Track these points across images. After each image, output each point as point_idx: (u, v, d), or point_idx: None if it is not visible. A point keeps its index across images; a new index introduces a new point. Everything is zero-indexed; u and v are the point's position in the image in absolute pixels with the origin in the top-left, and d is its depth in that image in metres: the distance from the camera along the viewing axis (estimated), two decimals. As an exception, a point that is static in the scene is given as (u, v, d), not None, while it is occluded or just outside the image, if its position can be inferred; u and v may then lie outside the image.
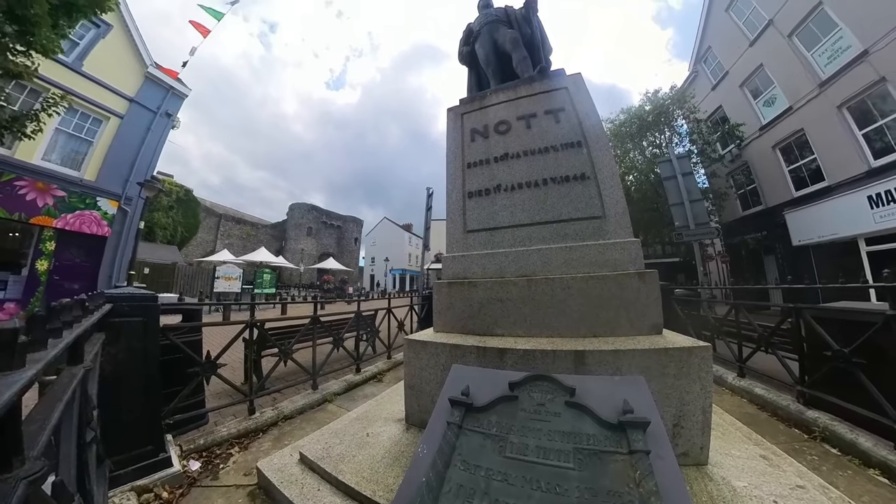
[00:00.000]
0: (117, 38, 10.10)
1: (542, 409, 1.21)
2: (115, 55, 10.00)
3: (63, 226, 8.69)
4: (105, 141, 9.80)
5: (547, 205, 1.95)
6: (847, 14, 8.82)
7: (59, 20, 5.09)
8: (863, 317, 2.41)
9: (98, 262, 9.49)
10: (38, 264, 8.41)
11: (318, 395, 3.32)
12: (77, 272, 9.18)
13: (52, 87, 8.16)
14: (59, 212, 8.63)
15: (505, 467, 0.99)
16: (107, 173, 9.69)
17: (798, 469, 1.78)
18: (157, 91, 11.01)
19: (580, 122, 2.14)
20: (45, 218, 8.40)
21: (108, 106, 9.80)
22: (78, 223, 8.99)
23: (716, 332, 4.09)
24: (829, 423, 2.47)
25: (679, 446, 1.53)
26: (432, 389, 1.76)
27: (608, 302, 1.63)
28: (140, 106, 10.50)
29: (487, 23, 3.21)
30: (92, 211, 9.28)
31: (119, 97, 10.06)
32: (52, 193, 8.52)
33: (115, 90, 9.96)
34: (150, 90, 10.80)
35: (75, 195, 8.98)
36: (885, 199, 8.10)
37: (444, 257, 2.13)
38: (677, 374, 1.48)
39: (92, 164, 9.53)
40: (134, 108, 10.37)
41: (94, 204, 9.35)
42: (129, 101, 10.26)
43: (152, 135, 10.73)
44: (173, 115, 11.45)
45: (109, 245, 9.69)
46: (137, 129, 10.44)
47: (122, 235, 9.95)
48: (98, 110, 9.63)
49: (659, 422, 1.09)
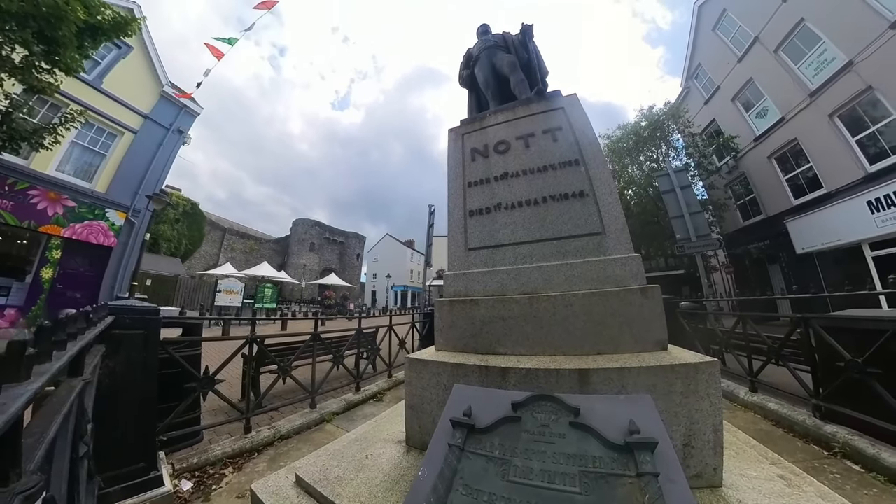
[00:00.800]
0: (136, 59, 10.72)
1: (546, 430, 1.18)
2: (134, 74, 10.57)
3: (71, 235, 8.89)
4: (118, 154, 10.22)
5: (547, 222, 1.97)
6: (829, 28, 9.13)
7: (84, 41, 5.38)
8: (874, 324, 2.36)
9: (102, 272, 9.66)
10: (43, 272, 8.52)
11: (317, 415, 3.26)
12: (80, 281, 9.30)
13: (71, 103, 8.59)
14: (67, 221, 8.85)
15: (508, 492, 0.96)
16: (117, 185, 10.03)
17: (819, 489, 1.70)
18: (171, 108, 11.50)
19: (577, 140, 2.19)
20: (54, 227, 8.59)
21: (123, 122, 10.25)
22: (85, 233, 9.21)
23: (724, 346, 4.01)
24: (849, 438, 2.38)
25: (691, 468, 1.47)
26: (434, 410, 1.72)
27: (611, 318, 1.61)
28: (153, 122, 10.97)
29: (486, 48, 3.35)
30: (100, 221, 9.54)
31: (134, 113, 10.55)
32: (62, 203, 8.75)
33: (131, 107, 10.46)
34: (163, 107, 11.29)
35: (85, 206, 9.25)
36: (885, 204, 8.10)
37: (445, 275, 2.13)
38: (685, 391, 1.44)
39: (104, 176, 9.91)
40: (147, 124, 10.83)
41: (103, 215, 9.62)
42: (143, 117, 10.73)
43: (163, 150, 11.15)
44: (185, 132, 11.97)
45: (114, 255, 9.89)
46: (150, 144, 10.87)
47: (128, 246, 10.19)
48: (113, 125, 10.09)
49: (667, 442, 1.06)
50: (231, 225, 37.07)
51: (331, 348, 3.85)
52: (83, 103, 8.92)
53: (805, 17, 9.60)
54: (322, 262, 43.90)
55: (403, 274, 48.87)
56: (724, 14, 12.35)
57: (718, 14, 12.58)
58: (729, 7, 12.15)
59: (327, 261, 44.71)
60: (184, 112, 11.76)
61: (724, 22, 12.51)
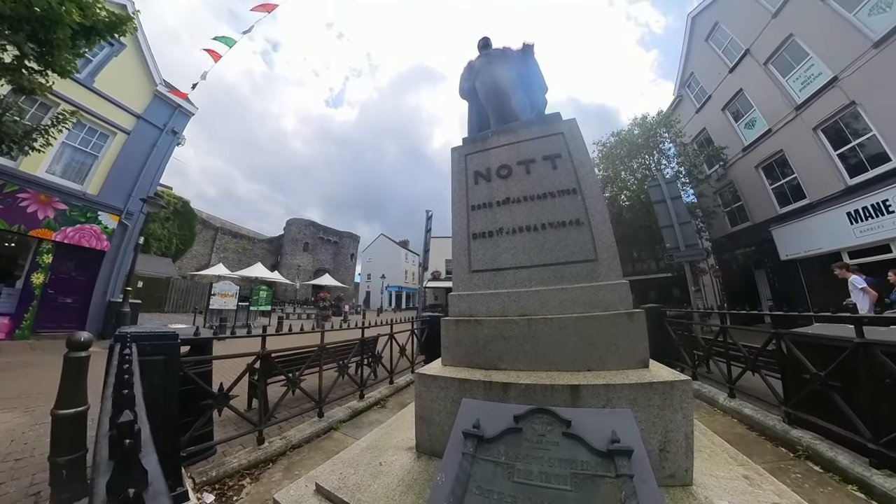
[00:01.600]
0: (129, 57, 10.36)
1: (542, 439, 1.40)
2: (126, 73, 10.24)
3: (62, 239, 8.69)
4: (110, 156, 9.93)
5: (545, 248, 2.18)
6: (816, 44, 9.48)
7: (78, 41, 5.21)
8: (835, 342, 2.62)
9: (94, 276, 9.45)
10: (34, 277, 8.31)
11: (325, 423, 3.37)
12: (72, 286, 9.11)
13: (62, 102, 8.35)
14: (59, 225, 8.64)
15: (514, 491, 1.18)
16: (109, 188, 9.76)
17: (778, 488, 1.95)
18: (165, 108, 11.19)
19: (575, 168, 2.37)
20: (45, 231, 8.39)
21: (115, 122, 9.97)
22: (77, 237, 8.99)
23: (706, 354, 4.29)
24: (812, 442, 2.64)
25: (666, 469, 1.71)
26: (442, 420, 1.92)
27: (600, 339, 1.84)
28: (147, 123, 10.68)
29: (488, 62, 3.44)
30: (92, 225, 9.31)
31: (127, 113, 10.25)
32: (53, 206, 8.56)
33: (124, 107, 10.16)
34: (157, 107, 10.97)
35: (77, 209, 9.01)
36: (863, 216, 8.50)
37: (451, 295, 2.33)
38: (661, 404, 1.67)
39: (96, 178, 9.62)
40: (141, 125, 10.54)
41: (95, 218, 9.39)
42: (136, 117, 10.44)
43: (157, 151, 10.89)
44: (179, 133, 11.66)
45: (107, 259, 9.69)
46: (143, 145, 10.58)
47: (121, 250, 9.99)
48: (106, 125, 9.79)
49: (642, 450, 1.29)
50: (223, 224, 36.38)
51: (336, 358, 3.97)
52: (74, 103, 8.67)
53: (794, 32, 9.94)
54: (316, 262, 43.51)
55: (398, 274, 48.84)
56: (717, 26, 12.68)
57: (711, 25, 12.91)
58: (721, 19, 12.48)
59: (321, 261, 44.32)
60: (178, 112, 11.49)
61: (716, 33, 12.84)
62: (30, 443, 2.97)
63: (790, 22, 9.99)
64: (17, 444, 2.93)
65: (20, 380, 4.84)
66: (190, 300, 21.71)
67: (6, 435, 3.06)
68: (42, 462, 2.53)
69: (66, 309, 8.94)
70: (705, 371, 4.54)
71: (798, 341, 2.89)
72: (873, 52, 8.09)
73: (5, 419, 3.40)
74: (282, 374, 3.27)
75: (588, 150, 2.57)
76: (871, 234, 8.38)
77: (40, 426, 3.25)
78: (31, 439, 3.03)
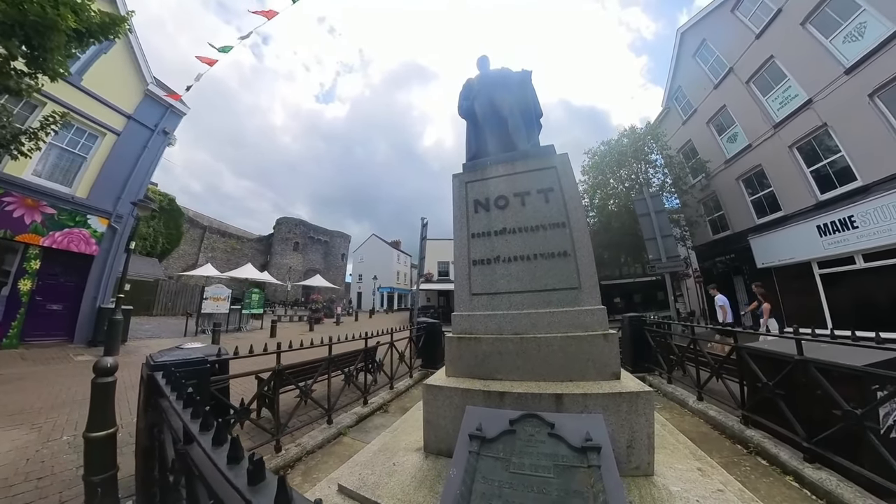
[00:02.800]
0: (119, 55, 9.94)
1: (532, 438, 1.76)
2: (116, 71, 9.85)
3: (50, 244, 8.42)
4: (99, 157, 9.61)
5: (536, 276, 2.53)
6: (794, 67, 10.07)
7: (70, 44, 5.05)
8: (782, 357, 3.04)
9: (83, 281, 9.19)
10: (21, 284, 8.04)
11: (334, 430, 3.55)
12: (61, 292, 8.87)
13: (48, 101, 8.01)
14: (47, 229, 8.35)
15: (511, 479, 1.54)
16: (99, 190, 9.47)
17: (725, 478, 2.36)
18: (156, 108, 10.84)
19: (565, 203, 2.70)
20: (32, 236, 8.13)
21: (105, 122, 9.64)
22: (66, 241, 8.73)
23: (679, 360, 4.74)
24: (761, 441, 3.08)
25: (632, 462, 2.09)
26: (447, 424, 2.26)
27: (580, 356, 2.21)
28: (137, 123, 10.37)
29: (487, 85, 3.65)
30: (81, 229, 9.04)
31: (117, 113, 9.92)
32: (41, 210, 8.28)
33: (114, 106, 9.81)
34: (148, 107, 10.62)
35: (65, 212, 8.73)
36: (831, 229, 9.14)
37: (454, 315, 2.67)
38: (629, 410, 2.05)
39: (85, 180, 9.32)
40: (131, 125, 10.22)
41: (84, 221, 9.12)
42: (126, 117, 10.13)
43: (148, 152, 10.59)
44: (170, 133, 11.33)
45: (97, 264, 9.43)
46: (133, 146, 10.28)
47: (110, 254, 9.72)
48: (94, 126, 9.47)
49: (609, 446, 1.66)
50: (211, 222, 35.66)
51: (342, 367, 4.18)
52: (61, 102, 8.30)
53: (774, 54, 10.52)
54: (306, 261, 43.12)
55: (389, 275, 48.56)
56: (704, 43, 13.25)
57: (699, 42, 13.47)
58: (708, 37, 13.04)
59: (311, 261, 43.92)
60: (170, 112, 11.11)
61: (703, 50, 13.41)
62: (46, 461, 2.96)
63: (772, 44, 10.56)
64: (33, 462, 2.92)
65: (18, 394, 4.73)
66: (179, 303, 21.25)
67: (20, 453, 3.04)
68: (65, 480, 2.65)
69: (54, 316, 8.71)
70: (680, 375, 4.99)
71: (753, 354, 3.32)
72: (845, 79, 8.68)
73: (14, 437, 3.37)
74: (295, 386, 3.44)
75: (577, 183, 2.94)
76: (837, 247, 9.02)
77: (52, 443, 3.27)
78: (47, 457, 3.02)
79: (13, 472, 2.72)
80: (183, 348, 2.77)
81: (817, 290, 9.73)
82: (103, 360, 1.90)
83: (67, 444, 3.28)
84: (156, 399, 1.64)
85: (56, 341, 8.58)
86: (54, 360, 7.10)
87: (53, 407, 4.27)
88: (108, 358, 1.95)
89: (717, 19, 12.56)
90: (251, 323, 15.70)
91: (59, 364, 6.79)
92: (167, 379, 1.48)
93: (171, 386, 1.40)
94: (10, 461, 2.89)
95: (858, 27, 8.41)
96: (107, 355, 7.29)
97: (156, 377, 1.58)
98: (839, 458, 2.41)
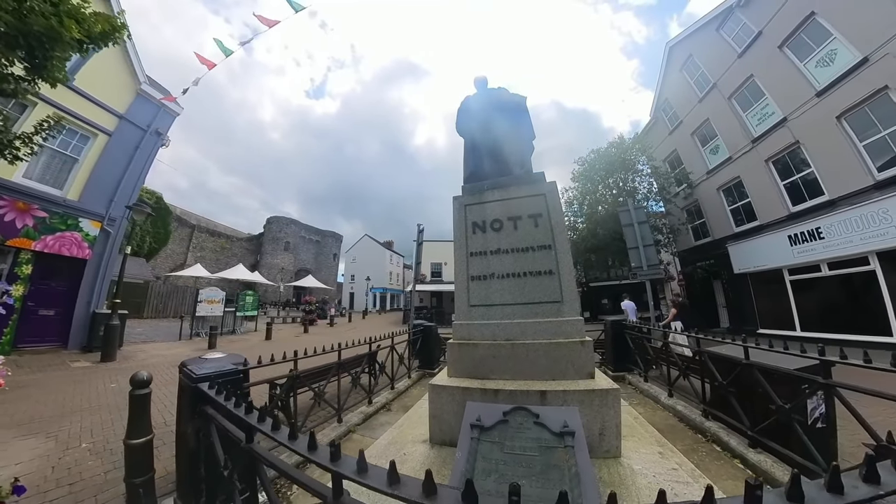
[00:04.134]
0: (111, 54, 9.45)
1: (521, 426, 2.19)
2: (108, 70, 9.59)
3: (42, 248, 8.24)
4: (91, 159, 9.38)
5: (525, 290, 2.96)
6: (771, 86, 10.73)
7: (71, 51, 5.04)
8: (734, 360, 3.53)
9: (76, 286, 9.02)
10: (13, 290, 7.84)
11: (344, 428, 3.80)
12: (53, 297, 8.66)
13: (39, 101, 7.80)
14: (38, 233, 8.17)
15: (505, 457, 1.97)
16: (91, 192, 9.26)
17: (680, 459, 2.84)
18: (149, 108, 10.62)
19: (552, 228, 3.12)
20: (24, 240, 7.95)
21: (96, 122, 9.39)
22: (58, 245, 8.53)
23: (654, 360, 5.25)
24: (717, 431, 3.57)
25: (603, 446, 2.54)
26: (450, 418, 2.68)
27: (562, 359, 2.65)
28: (130, 123, 10.14)
29: (485, 106, 3.94)
30: (73, 232, 8.83)
31: (109, 113, 9.68)
32: (32, 214, 8.10)
33: (105, 106, 9.56)
34: (141, 107, 10.39)
35: (57, 216, 8.53)
36: (800, 239, 9.84)
37: (454, 324, 3.08)
38: (600, 404, 2.50)
39: (76, 182, 9.09)
40: (123, 125, 10.00)
41: (76, 225, 8.91)
42: (118, 117, 9.89)
43: (141, 153, 10.40)
44: (164, 134, 11.09)
45: (90, 268, 9.24)
46: (126, 147, 10.07)
47: (104, 258, 9.54)
48: (86, 126, 9.23)
49: (581, 432, 2.10)
50: (199, 221, 34.89)
51: (348, 369, 4.44)
52: (52, 102, 8.04)
53: (754, 73, 11.17)
54: (297, 261, 42.79)
55: (382, 276, 48.20)
56: (690, 58, 13.87)
57: (686, 57, 14.10)
58: (695, 52, 13.66)
59: (303, 260, 43.60)
60: (162, 112, 10.89)
61: (689, 64, 14.04)
62: (72, 468, 2.99)
63: (752, 64, 11.21)
64: (59, 470, 2.95)
65: (23, 402, 4.71)
66: (171, 305, 20.79)
67: (44, 462, 3.06)
68: (96, 484, 2.76)
69: (47, 322, 8.56)
70: (657, 374, 5.50)
71: (713, 357, 3.82)
72: (816, 100, 9.35)
73: (33, 446, 3.36)
74: (310, 388, 3.72)
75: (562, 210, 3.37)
76: (806, 256, 9.73)
77: (72, 451, 3.29)
78: (71, 465, 3.05)
79: (43, 480, 2.79)
80: (208, 359, 2.78)
81: (788, 295, 10.45)
82: (139, 373, 2.10)
83: (88, 451, 3.32)
84: (202, 407, 1.81)
85: (50, 347, 8.46)
86: (51, 366, 7.03)
87: (63, 415, 4.30)
88: (143, 372, 2.13)
89: (703, 36, 13.19)
90: (245, 325, 15.59)
91: (58, 371, 6.72)
92: (216, 389, 1.66)
93: (225, 395, 1.61)
94: (35, 469, 2.92)
95: (829, 53, 9.07)
96: (104, 361, 7.53)
97: (202, 388, 1.77)
98: (774, 444, 2.90)
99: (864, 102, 8.27)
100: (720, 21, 12.21)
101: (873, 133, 8.24)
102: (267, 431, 1.18)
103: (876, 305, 8.15)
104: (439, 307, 26.84)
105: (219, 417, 1.66)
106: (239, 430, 1.45)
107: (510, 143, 3.87)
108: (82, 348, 8.68)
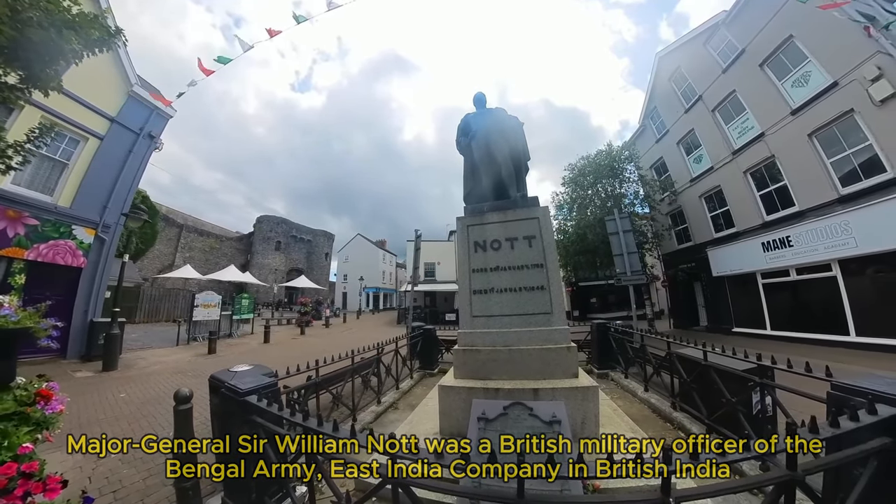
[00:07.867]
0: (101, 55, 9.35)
1: (518, 417, 2.72)
2: (98, 71, 9.02)
3: (35, 257, 8.00)
4: (82, 163, 9.05)
5: (521, 303, 3.48)
6: (751, 102, 11.42)
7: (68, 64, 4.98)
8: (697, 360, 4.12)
9: (72, 295, 8.77)
10: (8, 301, 7.80)
11: (360, 426, 4.02)
12: (49, 308, 8.49)
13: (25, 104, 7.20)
14: (31, 242, 7.93)
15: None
16: (83, 199, 8.99)
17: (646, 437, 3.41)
18: (141, 110, 10.26)
19: (544, 248, 3.61)
20: (16, 249, 7.72)
21: (87, 126, 9.03)
22: (51, 254, 8.28)
23: (634, 359, 5.86)
24: (682, 420, 4.17)
25: (585, 432, 3.07)
26: (458, 414, 3.17)
27: (552, 362, 3.19)
28: (121, 126, 9.79)
29: (484, 127, 4.27)
30: (67, 240, 8.57)
31: (99, 116, 9.31)
32: (23, 222, 7.84)
33: (96, 109, 9.19)
34: (132, 109, 10.02)
35: (49, 223, 8.27)
36: (772, 246, 10.62)
37: (459, 332, 3.58)
38: (582, 398, 3.05)
39: (68, 188, 8.79)
40: (115, 129, 9.65)
41: (69, 232, 8.65)
42: (109, 120, 9.54)
43: (134, 157, 10.11)
44: (157, 137, 10.79)
45: (85, 276, 9.02)
46: (118, 150, 9.76)
47: (99, 266, 9.32)
48: (76, 130, 8.86)
49: (566, 421, 2.64)
50: (186, 219, 33.92)
51: (360, 373, 4.83)
52: (40, 105, 7.67)
53: (737, 89, 11.82)
54: (289, 261, 42.10)
55: (375, 275, 47.63)
56: (678, 69, 14.51)
57: (674, 68, 14.73)
58: (683, 64, 14.29)
59: (294, 260, 42.91)
60: (155, 114, 10.53)
61: (677, 75, 14.69)
62: (110, 477, 3.06)
63: (734, 79, 11.86)
64: (98, 479, 3.01)
65: None
66: (163, 308, 20.40)
67: (79, 473, 3.07)
68: (139, 490, 2.89)
69: None
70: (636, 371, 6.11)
71: (681, 357, 4.42)
72: (791, 118, 10.04)
73: (61, 458, 3.23)
74: (328, 391, 4.10)
75: (553, 231, 3.89)
76: (777, 261, 10.52)
77: (103, 461, 3.31)
78: (109, 473, 3.11)
79: (84, 487, 2.92)
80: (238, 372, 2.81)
81: (760, 297, 11.26)
82: (181, 390, 2.37)
83: (119, 461, 3.36)
84: (250, 417, 2.02)
85: (48, 357, 8.19)
86: (54, 377, 6.96)
87: (81, 426, 4.29)
88: (185, 389, 2.38)
89: (691, 49, 13.80)
90: (241, 328, 15.54)
91: (61, 381, 6.60)
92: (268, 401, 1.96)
93: (277, 406, 1.89)
94: (75, 479, 2.85)
95: (804, 75, 9.75)
96: (106, 370, 7.54)
97: (250, 400, 2.04)
98: (725, 430, 3.49)
99: (833, 123, 8.98)
100: (707, 36, 12.83)
101: (839, 151, 8.98)
102: (328, 432, 1.54)
103: (836, 308, 8.95)
104: (433, 307, 27.30)
105: (268, 424, 1.97)
106: (293, 432, 1.77)
107: (508, 167, 4.29)
108: (81, 357, 8.49)
